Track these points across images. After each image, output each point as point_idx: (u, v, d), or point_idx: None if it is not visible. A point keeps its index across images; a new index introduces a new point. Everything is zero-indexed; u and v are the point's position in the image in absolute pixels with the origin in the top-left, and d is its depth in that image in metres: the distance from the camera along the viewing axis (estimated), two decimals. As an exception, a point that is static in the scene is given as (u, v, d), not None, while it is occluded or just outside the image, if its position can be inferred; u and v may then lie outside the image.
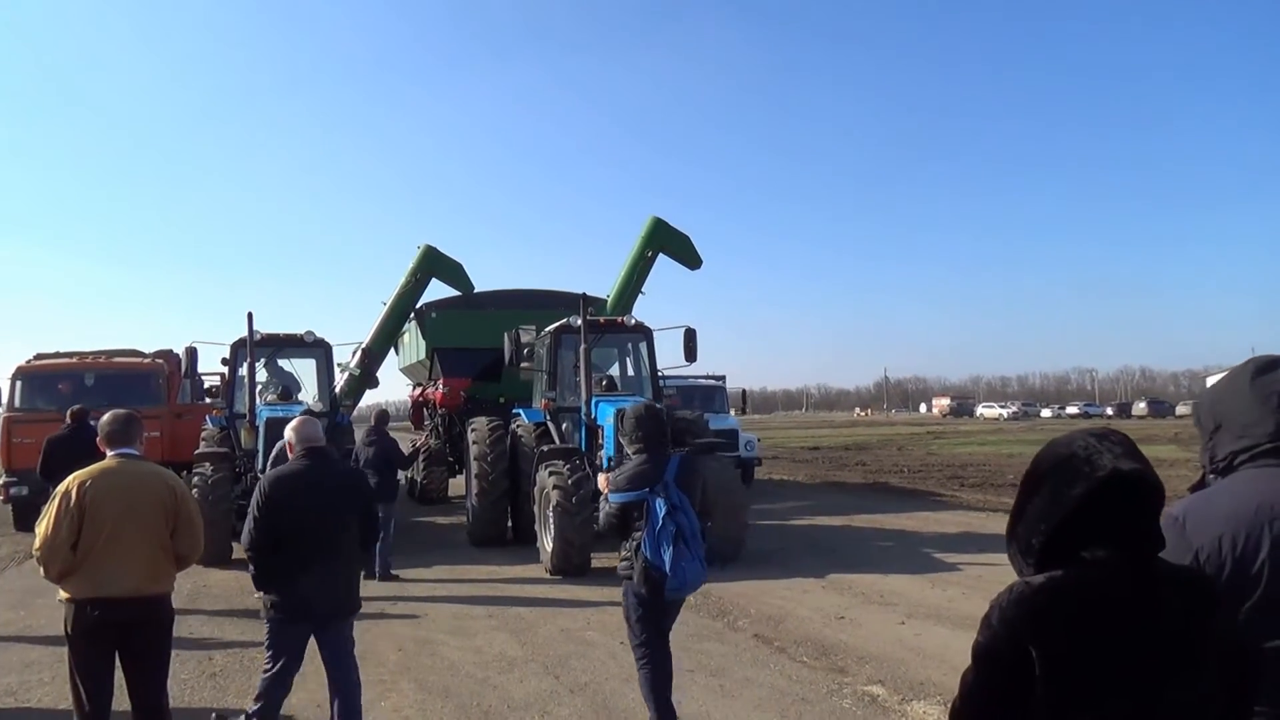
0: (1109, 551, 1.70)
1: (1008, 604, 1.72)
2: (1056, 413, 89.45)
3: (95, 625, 3.97)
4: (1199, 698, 1.66)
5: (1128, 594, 1.68)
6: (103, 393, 13.83)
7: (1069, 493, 1.72)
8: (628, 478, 4.71)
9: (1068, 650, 1.64)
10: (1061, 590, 1.69)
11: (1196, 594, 1.72)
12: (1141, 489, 1.71)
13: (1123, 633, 1.65)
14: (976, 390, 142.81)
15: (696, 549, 4.61)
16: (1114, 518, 1.70)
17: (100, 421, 4.32)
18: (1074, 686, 1.64)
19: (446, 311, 18.04)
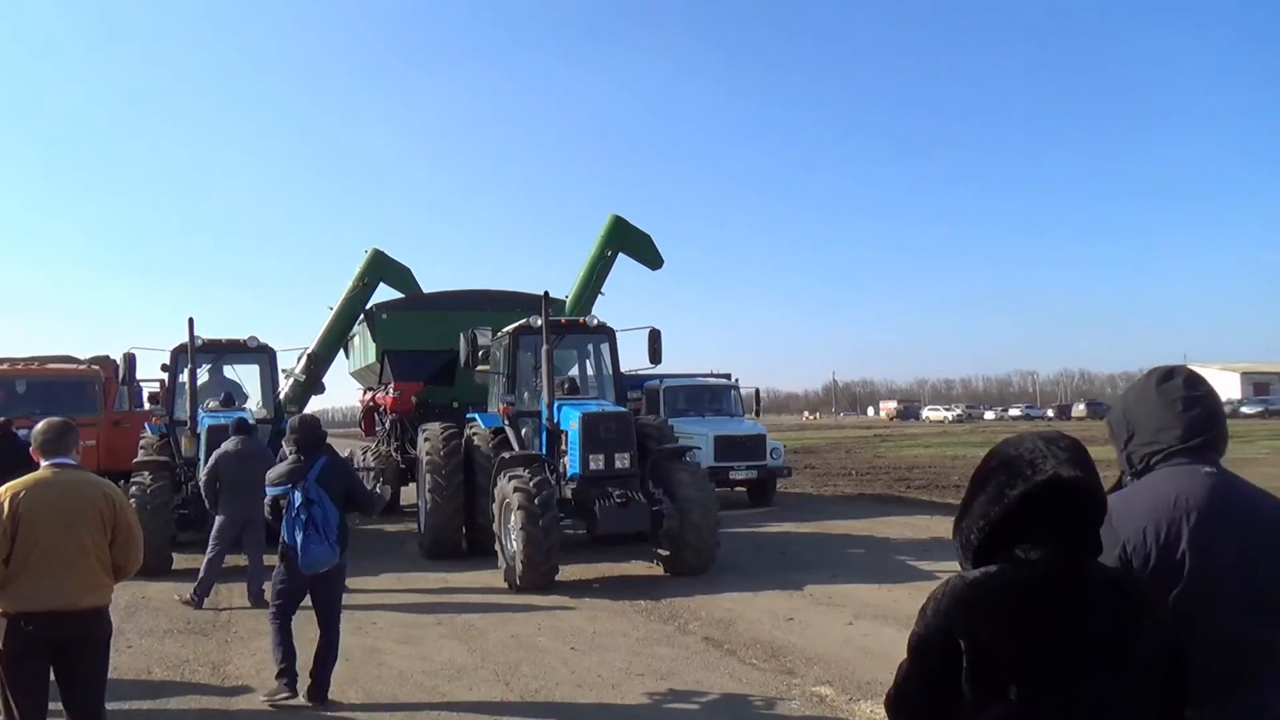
0: (1043, 552, 1.76)
1: (942, 596, 1.80)
2: (999, 415, 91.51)
3: (29, 641, 3.84)
4: (1127, 698, 1.72)
5: (1057, 593, 1.74)
6: (36, 401, 13.38)
7: (1009, 492, 1.79)
8: (280, 474, 5.89)
9: (994, 643, 1.71)
10: (993, 585, 1.76)
11: (1127, 597, 1.79)
12: (1079, 496, 1.78)
13: (1049, 630, 1.71)
14: (922, 393, 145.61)
15: (328, 534, 5.61)
16: (1050, 520, 1.77)
17: (34, 430, 4.19)
18: (998, 678, 1.70)
19: (398, 312, 17.75)
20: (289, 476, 5.81)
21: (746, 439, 16.54)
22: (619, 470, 9.94)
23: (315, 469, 5.81)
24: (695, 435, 15.58)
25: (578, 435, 9.98)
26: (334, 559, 5.70)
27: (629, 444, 10.07)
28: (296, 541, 5.58)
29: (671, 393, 17.74)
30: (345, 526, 5.87)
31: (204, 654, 7.17)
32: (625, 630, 7.70)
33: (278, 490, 5.87)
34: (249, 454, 8.91)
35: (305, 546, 5.56)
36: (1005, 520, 1.79)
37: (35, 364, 15.61)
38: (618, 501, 9.57)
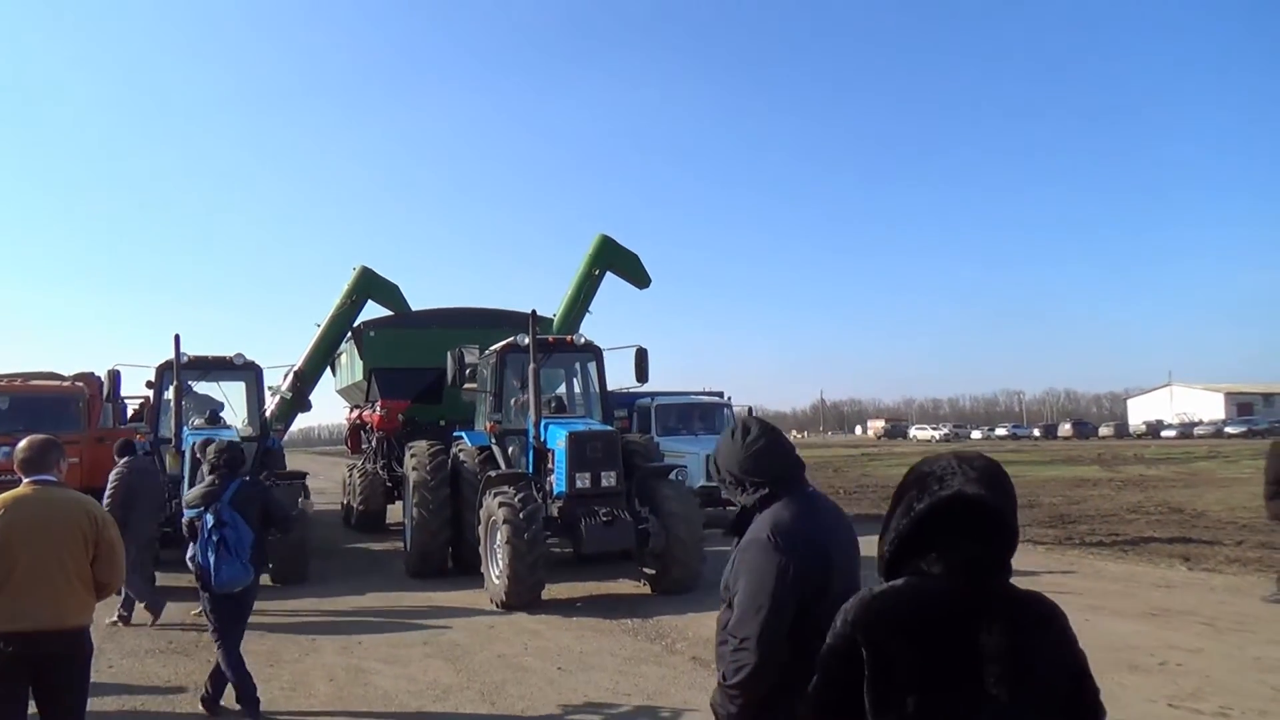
0: (945, 566, 1.81)
1: (851, 608, 1.86)
2: (986, 434, 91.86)
3: (9, 661, 3.77)
4: (1025, 713, 1.73)
5: (956, 608, 1.77)
6: (19, 418, 13.24)
7: (916, 506, 1.84)
8: (195, 496, 6.09)
9: (894, 654, 1.74)
10: (895, 598, 1.82)
11: (1029, 614, 1.82)
12: (982, 513, 1.81)
13: (947, 643, 1.74)
14: (910, 412, 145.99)
15: (240, 555, 5.79)
16: (953, 535, 1.81)
17: (16, 448, 4.15)
18: (896, 689, 1.73)
19: (385, 330, 17.73)
20: (203, 499, 5.98)
21: None
22: (605, 489, 9.93)
23: (229, 492, 5.99)
24: (686, 454, 15.53)
25: (564, 454, 9.96)
26: (247, 578, 5.90)
27: (615, 463, 10.07)
28: (210, 563, 5.76)
29: (663, 411, 17.69)
30: (261, 547, 6.08)
31: (186, 674, 7.08)
32: (612, 649, 7.65)
33: (192, 513, 6.05)
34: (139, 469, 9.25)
35: (218, 567, 5.75)
36: (913, 534, 1.84)
37: (19, 380, 15.47)
38: (604, 520, 9.55)
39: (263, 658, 7.46)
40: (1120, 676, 6.54)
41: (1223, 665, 6.83)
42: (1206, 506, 18.82)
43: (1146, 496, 21.81)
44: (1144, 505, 19.58)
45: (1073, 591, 9.83)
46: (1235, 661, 6.95)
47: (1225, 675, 6.56)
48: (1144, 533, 14.90)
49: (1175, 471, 31.50)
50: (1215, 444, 58.21)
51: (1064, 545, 13.75)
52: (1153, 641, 7.57)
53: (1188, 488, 24.27)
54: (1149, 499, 21.06)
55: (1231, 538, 13.86)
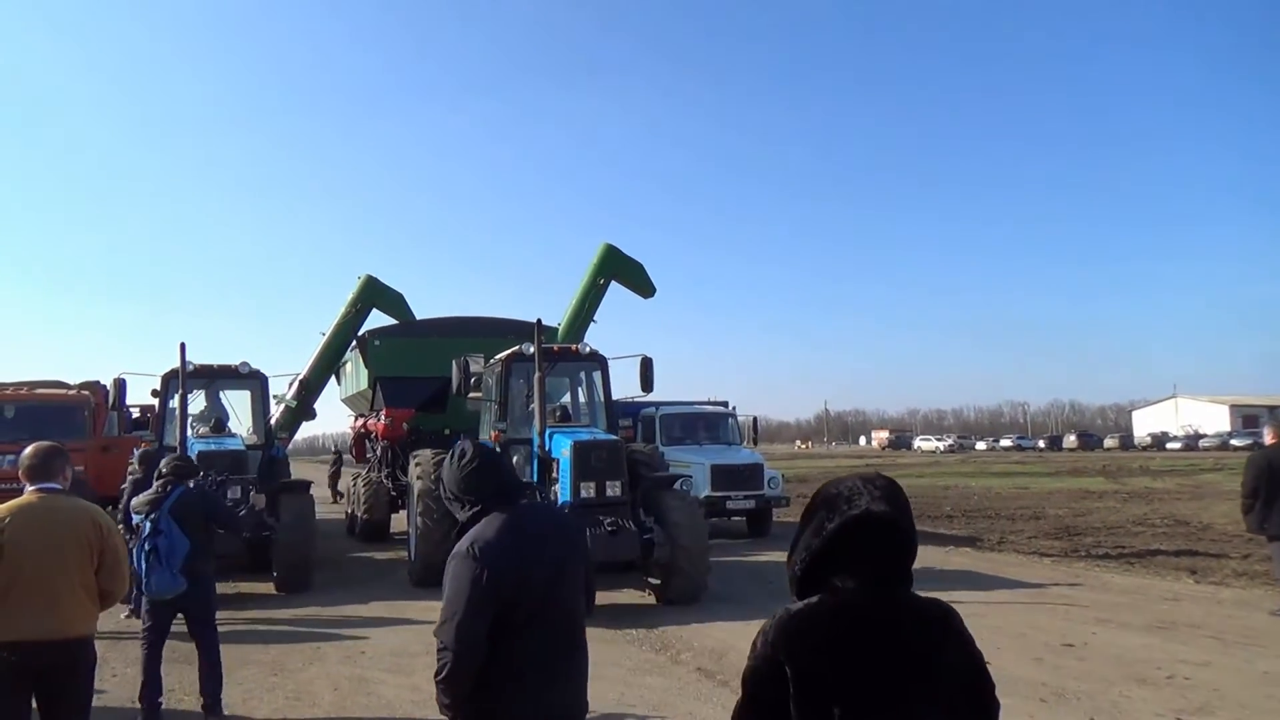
0: (857, 581, 1.91)
1: (770, 627, 1.94)
2: (991, 445, 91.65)
3: (11, 671, 3.74)
4: (938, 715, 1.86)
5: (871, 620, 1.89)
6: (25, 426, 13.30)
7: (827, 525, 1.93)
8: (141, 503, 6.22)
9: (816, 668, 1.84)
10: (813, 614, 1.91)
11: (937, 623, 1.95)
12: (889, 529, 1.93)
13: (865, 654, 1.85)
14: (914, 423, 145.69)
15: (171, 564, 5.89)
16: (863, 552, 1.91)
17: (22, 455, 4.15)
18: (821, 702, 1.82)
19: (390, 339, 17.74)
20: (148, 506, 6.14)
21: (743, 468, 16.39)
22: (610, 499, 9.91)
23: (170, 500, 6.11)
24: (692, 464, 15.48)
25: (569, 463, 9.95)
26: (179, 587, 5.95)
27: (620, 472, 10.05)
28: (142, 570, 5.91)
29: (668, 420, 17.64)
30: (200, 555, 6.11)
31: (189, 683, 7.04)
32: (617, 660, 7.62)
33: (137, 518, 6.25)
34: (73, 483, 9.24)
35: (148, 575, 5.91)
36: (825, 552, 1.93)
37: (25, 389, 15.51)
38: (608, 530, 9.53)
39: (267, 667, 7.44)
40: (1128, 690, 6.50)
41: (1231, 679, 6.78)
42: (1213, 519, 18.72)
43: (1152, 509, 21.72)
44: (1150, 517, 19.49)
45: (1079, 604, 9.79)
46: (1244, 675, 6.90)
47: (1234, 689, 6.51)
48: (1150, 545, 14.82)
49: (1181, 484, 31.38)
50: (1221, 456, 57.97)
51: (1070, 557, 13.68)
52: (1160, 655, 7.52)
53: (1194, 500, 24.16)
54: (1155, 511, 20.97)
55: (1239, 551, 13.78)
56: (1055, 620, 8.98)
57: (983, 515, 20.82)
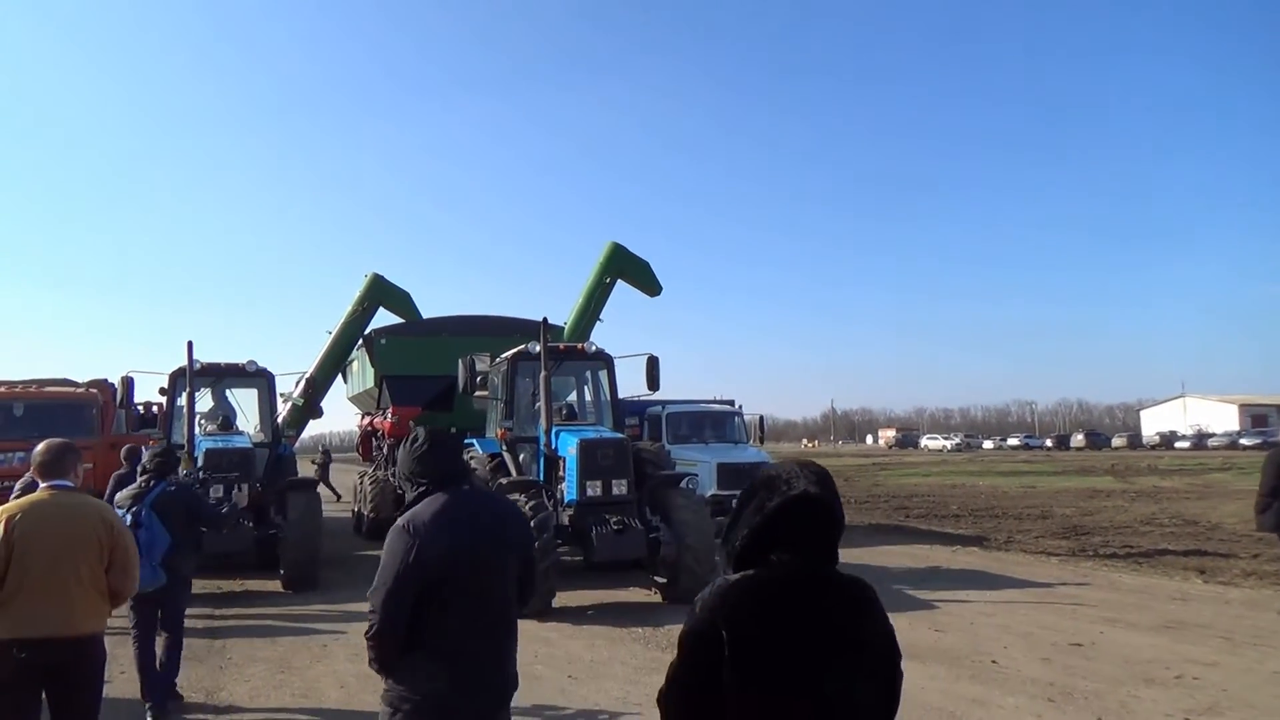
0: (791, 556, 2.09)
1: (708, 596, 2.10)
2: (998, 444, 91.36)
3: (21, 667, 3.75)
4: (859, 681, 2.06)
5: (802, 592, 2.07)
6: (33, 424, 13.33)
7: (767, 504, 2.11)
8: (124, 497, 6.32)
9: (751, 635, 2.01)
10: (750, 585, 2.07)
11: (859, 596, 2.16)
12: (822, 510, 2.12)
13: (795, 622, 2.03)
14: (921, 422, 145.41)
15: (150, 558, 5.90)
16: (797, 530, 2.10)
17: (33, 452, 4.16)
18: (755, 665, 1.99)
19: (396, 338, 17.78)
20: (130, 500, 6.25)
21: (749, 467, 16.32)
22: (616, 497, 9.91)
23: (152, 494, 6.21)
24: (698, 462, 15.46)
25: (575, 462, 9.95)
26: (158, 581, 6.02)
27: (626, 471, 10.05)
28: None
29: (674, 419, 17.63)
30: (180, 551, 6.23)
31: (197, 680, 7.09)
32: (623, 658, 7.63)
33: (120, 512, 6.36)
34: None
35: None
36: (763, 529, 2.10)
37: (33, 387, 15.57)
38: (614, 528, 9.54)
39: (274, 664, 7.47)
40: (1136, 690, 6.48)
41: (1240, 679, 6.75)
42: (1221, 519, 18.64)
43: (1161, 508, 21.63)
44: (1158, 517, 19.42)
45: (1087, 604, 9.76)
46: (1253, 676, 6.87)
47: (1243, 689, 6.48)
48: (1159, 545, 14.76)
49: (1189, 483, 31.26)
50: (1229, 455, 57.71)
51: (1078, 557, 13.64)
52: (1169, 655, 7.50)
53: (1202, 500, 24.07)
54: (1163, 511, 20.89)
55: (1248, 550, 13.72)
56: (1063, 620, 8.96)
57: (990, 514, 20.77)
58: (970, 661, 7.35)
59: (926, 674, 6.97)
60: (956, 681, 6.77)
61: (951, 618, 9.13)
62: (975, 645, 7.91)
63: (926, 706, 6.14)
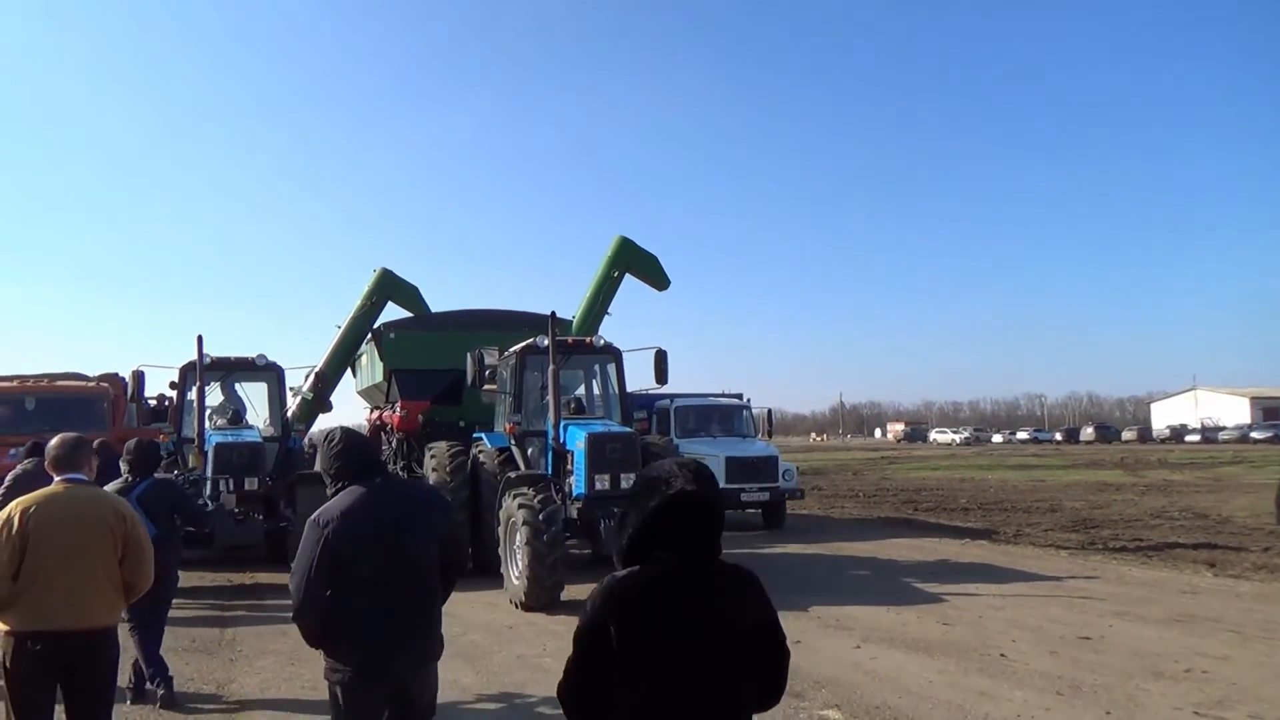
0: (673, 552, 2.22)
1: (598, 592, 2.22)
2: (1007, 438, 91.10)
3: (36, 660, 3.78)
4: (744, 665, 2.21)
5: (684, 584, 2.20)
6: (45, 418, 13.42)
7: (648, 505, 2.23)
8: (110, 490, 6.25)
9: (637, 628, 2.14)
10: (634, 581, 2.21)
11: (742, 585, 2.31)
12: (701, 507, 2.24)
13: (679, 614, 2.16)
14: (929, 416, 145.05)
15: None
16: (678, 526, 2.23)
17: (48, 445, 4.20)
18: (643, 655, 2.12)
19: (405, 332, 17.80)
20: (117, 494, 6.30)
21: (758, 460, 16.38)
22: (624, 490, 9.92)
23: (139, 489, 6.22)
24: (706, 456, 15.46)
25: (583, 455, 9.97)
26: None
27: (635, 464, 10.07)
28: None
29: (682, 413, 17.63)
30: (165, 545, 6.21)
31: (208, 672, 7.15)
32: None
33: None
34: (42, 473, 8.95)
35: None
36: (646, 528, 2.23)
37: (45, 381, 15.68)
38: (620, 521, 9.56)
39: (284, 656, 7.52)
40: (1145, 683, 6.47)
41: (1250, 673, 6.74)
42: (1232, 512, 18.58)
43: (1171, 501, 21.56)
44: (1168, 510, 19.36)
45: (1096, 597, 9.74)
46: (1264, 669, 6.86)
47: (1253, 683, 6.47)
48: (1169, 538, 14.72)
49: (1200, 476, 31.14)
50: (1241, 449, 57.47)
51: (1087, 550, 13.62)
52: (1178, 648, 7.48)
53: (1213, 493, 23.99)
54: (1173, 504, 20.82)
55: (1258, 544, 13.67)
56: (1072, 613, 8.95)
57: (999, 508, 20.74)
58: (979, 655, 7.35)
59: (935, 667, 6.98)
60: (965, 675, 6.78)
61: (960, 611, 9.12)
62: (984, 638, 7.91)
63: (935, 700, 6.14)
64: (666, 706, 2.12)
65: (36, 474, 7.86)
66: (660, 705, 2.11)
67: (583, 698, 2.20)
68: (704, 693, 2.14)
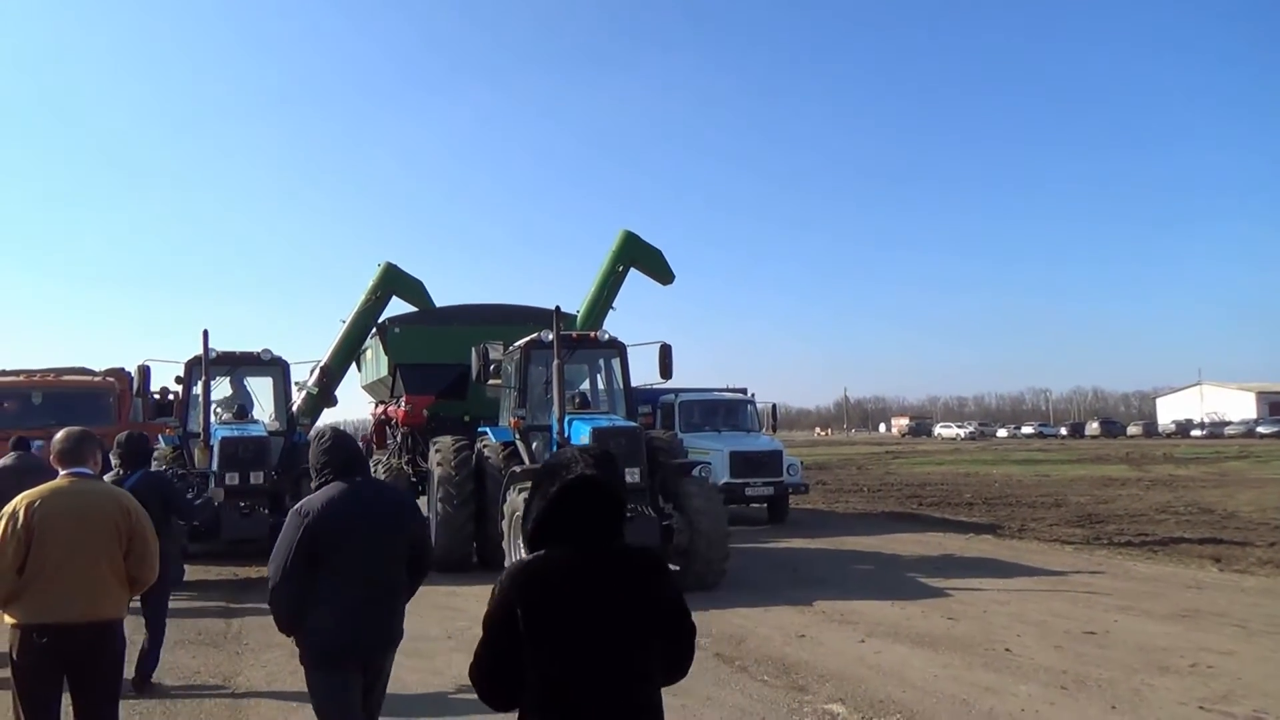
0: (577, 536, 2.31)
1: (504, 577, 2.31)
2: (1012, 433, 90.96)
3: (42, 652, 3.81)
4: (647, 643, 2.30)
5: (586, 568, 2.28)
6: (51, 412, 13.50)
7: (550, 490, 2.31)
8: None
9: (541, 610, 2.22)
10: (539, 565, 2.30)
11: (643, 568, 2.37)
12: (601, 491, 2.32)
13: (582, 596, 2.25)
14: (934, 410, 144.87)
15: None
16: (580, 511, 2.30)
17: (53, 440, 4.22)
18: (549, 636, 2.21)
19: (410, 326, 17.83)
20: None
21: (763, 455, 16.38)
22: (629, 485, 9.93)
23: (129, 482, 6.23)
24: (711, 451, 15.48)
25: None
26: None
27: (639, 459, 10.07)
28: None
29: (687, 407, 17.63)
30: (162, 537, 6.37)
31: (214, 665, 7.18)
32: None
33: None
34: (25, 469, 8.38)
35: None
36: (549, 512, 2.30)
37: (51, 375, 15.74)
38: (627, 516, 9.56)
39: (290, 649, 7.44)
40: (1150, 678, 6.47)
41: (1256, 668, 6.73)
42: (1238, 507, 18.54)
43: (1176, 496, 21.52)
44: (1173, 505, 19.32)
45: (1101, 592, 9.73)
46: (1269, 664, 6.85)
47: (1258, 678, 6.46)
48: (1174, 533, 14.70)
49: (1205, 471, 31.06)
50: (1246, 444, 57.29)
51: (1092, 545, 13.60)
52: (1183, 643, 7.47)
53: (1218, 488, 23.93)
54: (1178, 499, 20.78)
55: (1264, 539, 13.64)
56: (1076, 608, 8.94)
57: (1004, 503, 20.71)
58: (983, 649, 7.35)
59: (939, 662, 6.98)
60: (969, 669, 6.78)
61: (964, 606, 9.12)
62: (988, 633, 7.91)
63: (939, 694, 6.15)
64: (573, 685, 2.19)
65: (20, 470, 7.83)
66: (567, 684, 2.19)
67: (493, 679, 2.30)
68: (608, 670, 2.22)
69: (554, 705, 2.20)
